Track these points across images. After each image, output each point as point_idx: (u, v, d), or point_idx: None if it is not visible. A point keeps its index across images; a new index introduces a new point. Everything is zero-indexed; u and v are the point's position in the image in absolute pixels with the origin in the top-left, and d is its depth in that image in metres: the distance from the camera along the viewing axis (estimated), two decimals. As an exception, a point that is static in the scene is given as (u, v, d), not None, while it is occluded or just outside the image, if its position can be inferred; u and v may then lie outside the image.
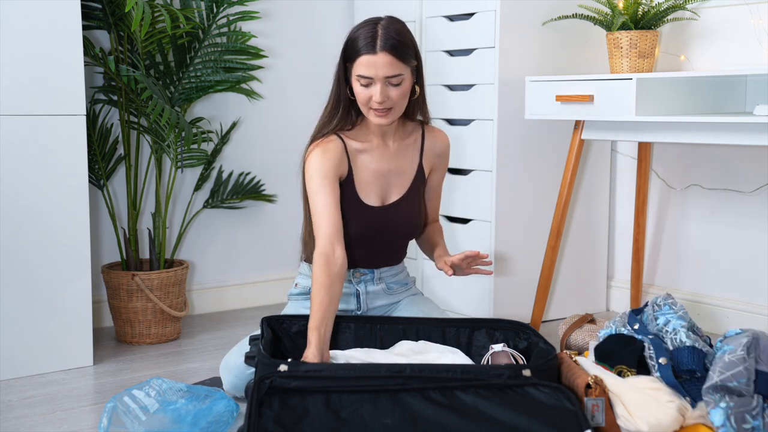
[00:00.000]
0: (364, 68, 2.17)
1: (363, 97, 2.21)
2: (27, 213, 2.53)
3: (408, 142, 2.39)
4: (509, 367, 1.86)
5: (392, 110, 2.23)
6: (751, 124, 2.34)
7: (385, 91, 2.19)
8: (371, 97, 2.20)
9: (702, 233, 3.08)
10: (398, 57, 2.17)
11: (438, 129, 2.45)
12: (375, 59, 2.16)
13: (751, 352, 1.88)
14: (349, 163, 2.29)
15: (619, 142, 3.33)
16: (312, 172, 2.23)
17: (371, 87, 2.19)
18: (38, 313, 2.56)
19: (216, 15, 2.97)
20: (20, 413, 2.26)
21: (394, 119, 2.27)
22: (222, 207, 3.30)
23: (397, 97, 2.21)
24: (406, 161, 2.38)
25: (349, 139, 2.31)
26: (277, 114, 3.46)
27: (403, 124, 2.38)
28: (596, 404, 1.82)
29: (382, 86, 2.18)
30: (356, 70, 2.19)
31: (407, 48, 2.21)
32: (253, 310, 3.43)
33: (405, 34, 2.22)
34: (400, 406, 1.79)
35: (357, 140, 2.32)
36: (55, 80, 2.55)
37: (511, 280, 3.10)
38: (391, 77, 2.18)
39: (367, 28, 2.19)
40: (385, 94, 2.19)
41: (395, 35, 2.18)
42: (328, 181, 2.22)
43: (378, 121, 2.24)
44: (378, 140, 2.33)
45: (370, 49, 2.16)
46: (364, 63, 2.17)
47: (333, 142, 2.28)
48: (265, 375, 1.82)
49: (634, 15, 2.83)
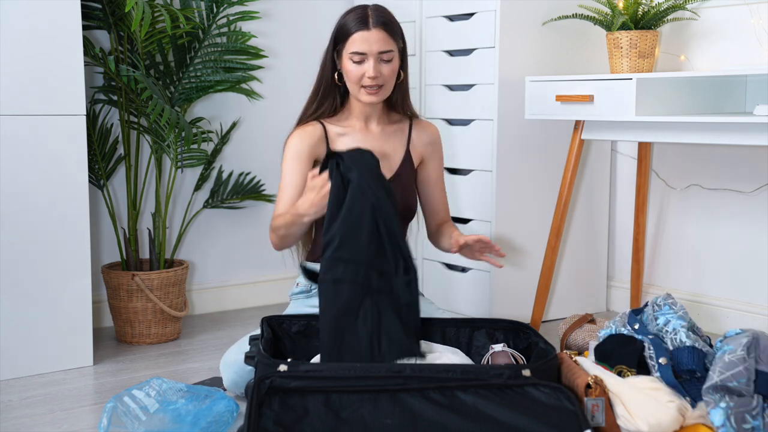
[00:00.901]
0: (358, 44, 2.27)
1: (355, 75, 2.29)
2: (27, 213, 2.53)
3: (393, 128, 2.44)
4: (509, 367, 1.86)
5: (383, 88, 2.31)
6: (751, 124, 2.34)
7: (378, 67, 2.28)
8: (364, 73, 2.28)
9: (702, 233, 3.08)
10: (389, 33, 2.28)
11: (426, 121, 2.50)
12: (369, 35, 2.26)
13: (751, 352, 1.88)
14: (327, 147, 2.36)
15: (619, 142, 3.33)
16: (286, 154, 2.34)
17: (364, 64, 2.28)
18: (38, 313, 2.56)
19: (216, 15, 2.97)
20: (20, 413, 2.26)
21: (383, 98, 2.34)
22: (222, 207, 3.30)
23: (388, 74, 2.30)
24: (390, 145, 2.42)
25: (330, 124, 2.39)
26: (277, 114, 3.46)
27: (387, 112, 2.45)
28: (596, 404, 1.82)
29: (375, 62, 2.27)
30: (349, 48, 2.28)
31: (396, 26, 2.32)
32: (253, 310, 3.43)
33: (393, 16, 2.33)
34: (400, 406, 1.80)
35: (338, 125, 2.40)
36: (55, 80, 2.55)
37: (511, 280, 3.10)
38: (384, 52, 2.28)
39: (357, 11, 2.31)
40: (377, 69, 2.27)
41: (385, 14, 2.31)
42: (299, 161, 2.32)
43: (368, 99, 2.32)
44: (360, 124, 2.40)
45: (363, 26, 2.27)
46: (358, 39, 2.27)
47: (312, 126, 2.37)
48: (265, 375, 1.82)
49: (634, 15, 2.83)
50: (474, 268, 3.14)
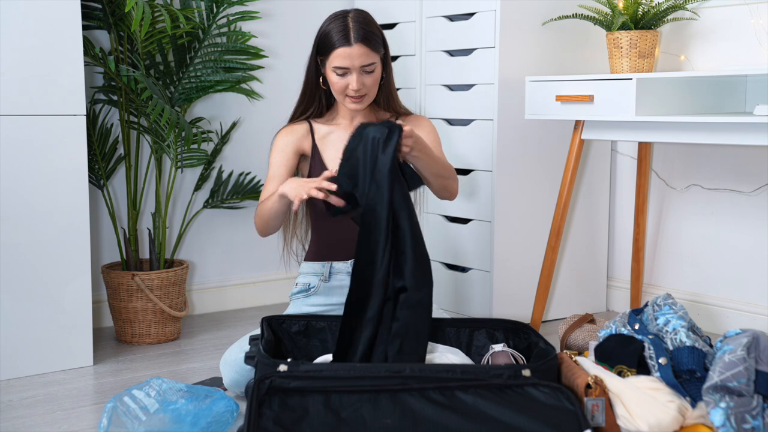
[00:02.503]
0: (341, 60, 2.32)
1: (340, 87, 2.36)
2: (27, 213, 2.53)
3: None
4: (509, 367, 1.86)
5: (366, 96, 2.38)
6: (751, 124, 2.34)
7: (361, 79, 2.34)
8: (348, 85, 2.35)
9: (702, 233, 3.08)
10: (371, 47, 2.33)
11: (417, 115, 2.53)
12: (350, 51, 2.31)
13: (751, 352, 1.88)
14: (313, 142, 2.43)
15: (619, 142, 3.33)
16: (273, 148, 2.43)
17: (347, 76, 2.34)
18: (38, 313, 2.56)
19: (216, 15, 2.97)
20: (20, 413, 2.26)
21: (367, 104, 2.41)
22: (222, 207, 3.30)
23: (371, 84, 2.37)
24: None
25: (317, 124, 2.47)
26: (277, 114, 3.45)
27: (376, 110, 2.50)
28: (596, 404, 1.82)
29: (358, 75, 2.33)
30: (332, 62, 2.34)
31: (377, 38, 2.36)
32: (253, 310, 3.43)
33: (374, 24, 2.38)
34: (400, 406, 1.80)
35: (326, 124, 2.47)
36: (55, 80, 2.55)
37: (511, 280, 3.10)
38: (366, 66, 2.33)
39: (338, 22, 2.34)
40: (361, 82, 2.34)
41: (366, 27, 2.34)
42: (283, 153, 2.40)
43: (354, 107, 2.39)
44: (347, 122, 2.47)
45: (345, 42, 2.31)
46: (340, 55, 2.32)
47: (299, 124, 2.46)
48: (264, 375, 1.82)
49: (634, 15, 2.83)
50: (474, 268, 3.14)
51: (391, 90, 2.48)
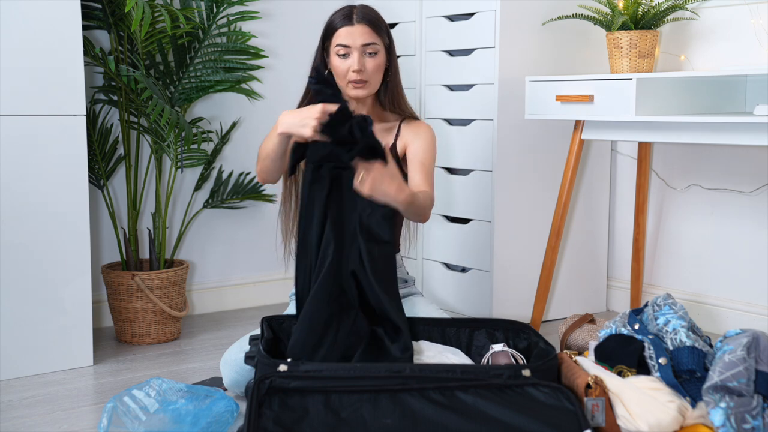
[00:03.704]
0: (342, 38, 2.36)
1: (342, 70, 2.38)
2: (27, 213, 2.53)
3: (382, 126, 2.46)
4: (509, 367, 1.86)
5: (368, 83, 2.39)
6: (751, 124, 2.34)
7: (362, 60, 2.36)
8: (349, 67, 2.36)
9: (702, 233, 3.08)
10: (373, 29, 2.37)
11: (420, 121, 2.50)
12: (352, 29, 2.36)
13: (751, 352, 1.88)
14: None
15: (619, 142, 3.33)
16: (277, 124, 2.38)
17: (349, 58, 2.36)
18: (38, 313, 2.56)
19: (216, 15, 2.97)
20: (20, 413, 2.26)
21: (370, 92, 2.41)
22: (222, 207, 3.30)
23: (372, 69, 2.38)
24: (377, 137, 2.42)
25: None
26: (277, 114, 3.43)
27: (381, 110, 2.48)
28: (596, 404, 1.82)
29: (359, 55, 2.36)
30: (335, 42, 2.37)
31: (381, 23, 2.41)
32: (253, 310, 3.43)
33: (379, 15, 2.43)
34: (400, 406, 1.80)
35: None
36: (55, 80, 2.55)
37: (511, 280, 3.10)
38: (367, 45, 2.36)
39: (343, 10, 2.41)
40: (361, 63, 2.36)
41: (370, 12, 2.41)
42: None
43: (355, 93, 2.39)
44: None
45: (347, 22, 2.37)
46: (342, 34, 2.36)
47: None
48: (264, 375, 1.82)
49: (634, 15, 2.83)
50: (474, 268, 3.14)
51: (396, 89, 2.47)
